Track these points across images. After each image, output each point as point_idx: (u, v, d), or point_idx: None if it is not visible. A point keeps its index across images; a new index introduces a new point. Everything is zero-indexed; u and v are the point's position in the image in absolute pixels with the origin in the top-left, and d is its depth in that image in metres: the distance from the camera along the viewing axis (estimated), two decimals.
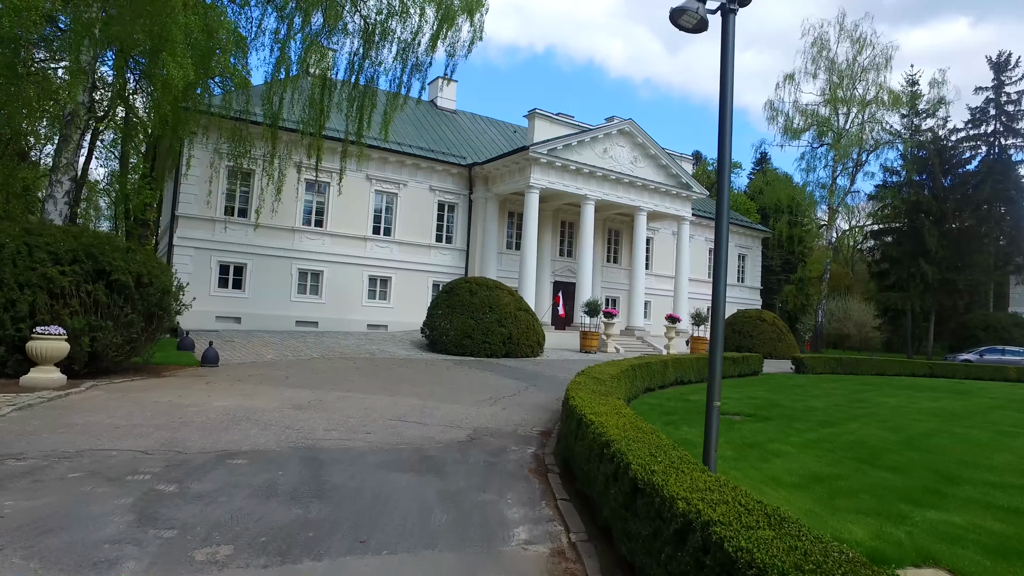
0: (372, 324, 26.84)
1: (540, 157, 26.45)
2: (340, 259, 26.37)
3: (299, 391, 11.52)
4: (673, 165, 30.71)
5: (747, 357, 21.04)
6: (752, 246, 41.20)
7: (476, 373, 16.51)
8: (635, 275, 30.49)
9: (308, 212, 26.12)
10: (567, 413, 7.97)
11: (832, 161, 41.05)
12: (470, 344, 20.82)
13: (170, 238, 24.05)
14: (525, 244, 27.11)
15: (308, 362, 16.32)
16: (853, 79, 39.09)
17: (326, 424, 8.76)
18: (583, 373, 10.84)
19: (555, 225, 31.73)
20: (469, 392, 13.08)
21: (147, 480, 5.63)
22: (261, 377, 13.01)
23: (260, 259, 24.86)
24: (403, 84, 20.83)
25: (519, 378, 16.10)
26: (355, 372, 14.83)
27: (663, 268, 35.65)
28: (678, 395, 14.54)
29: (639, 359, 15.64)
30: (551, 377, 16.90)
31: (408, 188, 28.07)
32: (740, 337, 30.29)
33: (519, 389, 14.12)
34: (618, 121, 29.39)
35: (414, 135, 29.94)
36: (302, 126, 21.22)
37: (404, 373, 15.37)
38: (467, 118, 35.71)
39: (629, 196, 29.70)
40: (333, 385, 12.55)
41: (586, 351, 25.45)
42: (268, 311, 24.74)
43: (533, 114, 27.40)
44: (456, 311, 21.49)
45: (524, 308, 22.66)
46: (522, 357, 21.67)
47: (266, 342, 20.09)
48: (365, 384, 13.03)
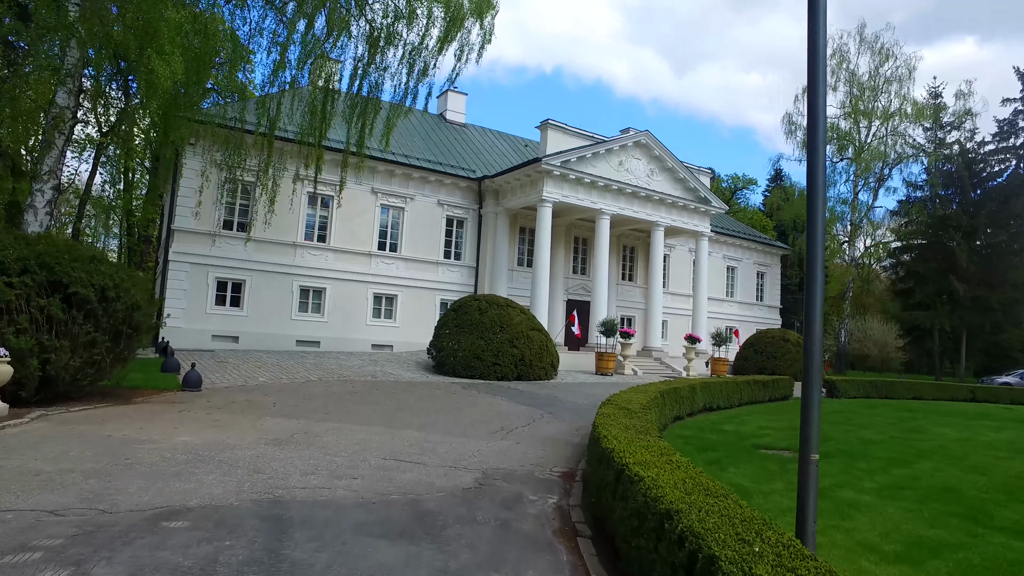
0: (377, 344, 25.33)
1: (553, 169, 25.03)
2: (343, 276, 24.94)
3: (284, 421, 9.97)
4: (691, 178, 29.22)
5: (778, 381, 19.34)
6: (771, 264, 39.51)
7: (485, 399, 14.93)
8: (652, 293, 28.88)
9: (310, 226, 24.74)
10: (598, 455, 6.38)
11: (854, 176, 39.47)
12: (479, 366, 19.25)
13: (165, 253, 22.72)
14: (537, 260, 25.60)
15: (302, 386, 14.79)
16: (875, 91, 37.62)
17: (305, 465, 7.20)
18: (610, 403, 9.25)
19: (568, 241, 30.24)
20: (477, 422, 11.50)
21: (33, 561, 4.08)
22: (245, 404, 11.48)
23: (259, 275, 23.46)
24: (409, 90, 19.47)
25: (533, 404, 14.49)
26: (352, 398, 13.28)
27: (679, 286, 34.03)
28: (711, 425, 12.88)
29: (665, 384, 14.01)
30: (568, 403, 15.29)
31: (415, 202, 26.69)
32: (763, 358, 28.54)
33: (533, 418, 12.52)
34: (634, 133, 27.97)
35: (422, 148, 28.62)
36: (301, 135, 19.88)
37: (406, 399, 13.80)
38: (476, 131, 34.43)
39: (646, 211, 28.19)
40: (325, 413, 11.00)
41: (602, 373, 23.80)
42: (267, 330, 23.29)
43: (546, 125, 26.03)
44: (464, 330, 19.95)
45: (537, 328, 21.09)
46: (535, 380, 20.06)
47: (261, 363, 18.61)
48: (361, 412, 11.48)
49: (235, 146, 19.62)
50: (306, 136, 19.72)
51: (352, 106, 19.57)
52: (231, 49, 18.63)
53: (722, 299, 36.10)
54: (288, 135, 21.24)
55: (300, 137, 19.99)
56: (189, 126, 18.65)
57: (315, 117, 19.30)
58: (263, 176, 19.61)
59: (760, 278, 38.93)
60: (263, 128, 19.56)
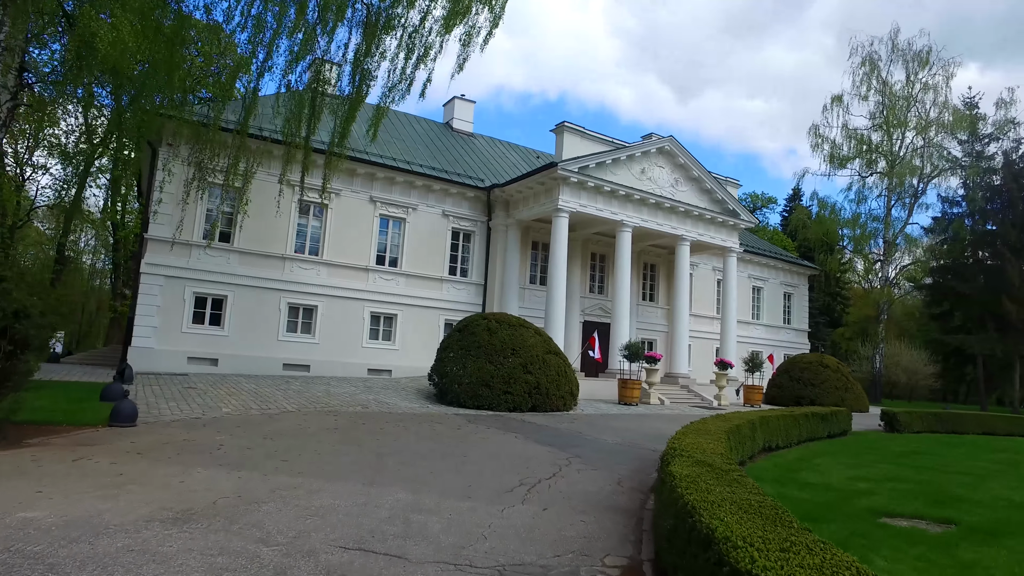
0: (374, 369, 22.39)
1: (570, 176, 22.27)
2: (337, 292, 22.10)
3: (219, 475, 7.05)
4: (718, 189, 26.41)
5: (836, 413, 16.22)
6: (798, 284, 36.47)
7: (496, 437, 11.95)
8: (677, 314, 25.90)
9: (301, 237, 21.97)
10: (713, 562, 3.43)
11: (886, 191, 36.52)
12: (488, 395, 16.29)
13: (137, 264, 19.98)
14: (552, 277, 22.73)
15: (271, 420, 11.85)
16: (909, 100, 34.83)
17: (201, 570, 4.27)
18: (681, 455, 6.28)
19: (584, 258, 27.39)
20: (487, 471, 8.53)
21: None
22: (181, 446, 8.56)
23: (243, 291, 20.65)
24: (405, 76, 16.76)
25: (555, 444, 11.50)
26: (329, 436, 10.33)
27: (702, 307, 31.03)
28: (786, 474, 9.85)
29: (722, 420, 11.02)
30: (598, 442, 12.28)
31: (418, 213, 23.92)
32: (800, 386, 25.46)
33: (558, 464, 9.54)
34: (657, 138, 25.25)
35: (425, 155, 25.94)
36: (286, 133, 17.16)
37: (398, 438, 10.84)
38: (485, 141, 31.80)
39: (670, 223, 25.35)
40: (283, 461, 8.07)
41: (626, 403, 20.75)
42: (251, 352, 20.41)
43: (561, 128, 23.33)
44: (471, 353, 17.03)
45: (554, 351, 18.14)
46: (552, 411, 17.06)
47: (235, 390, 15.70)
48: (334, 459, 8.52)
49: (215, 147, 16.99)
50: (291, 134, 17.05)
51: (340, 99, 16.93)
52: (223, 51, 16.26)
53: (748, 322, 33.05)
54: (276, 136, 18.59)
55: (286, 135, 17.28)
56: (153, 119, 16.07)
57: (301, 110, 16.62)
58: (232, 173, 16.80)
59: (787, 299, 35.88)
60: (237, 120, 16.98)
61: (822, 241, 39.72)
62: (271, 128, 19.19)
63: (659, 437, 13.73)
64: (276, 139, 19.53)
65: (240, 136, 16.20)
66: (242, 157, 16.51)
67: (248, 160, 17.04)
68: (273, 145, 19.16)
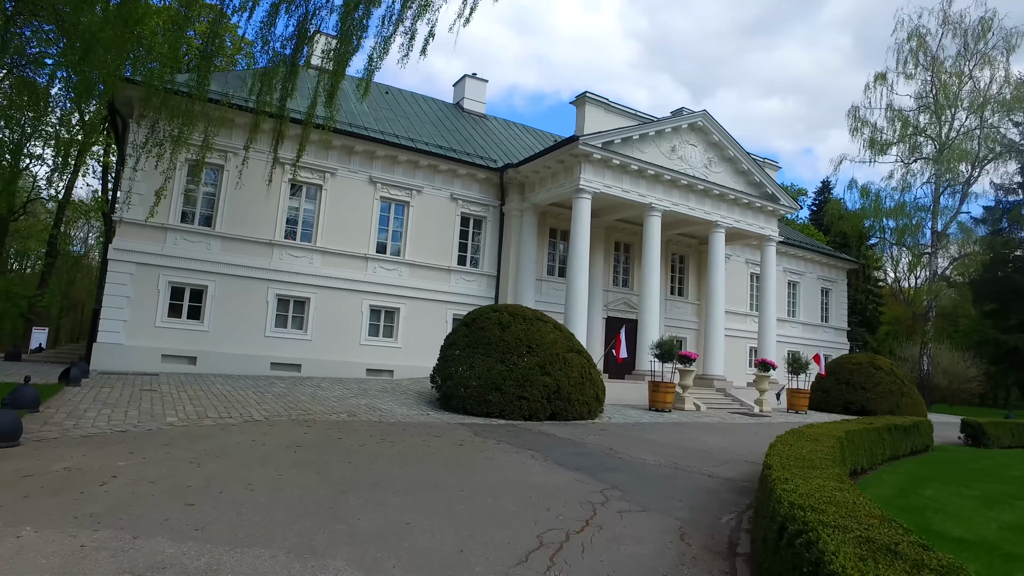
0: (373, 368, 19.76)
1: (592, 152, 19.50)
2: (333, 283, 19.50)
3: (52, 540, 4.39)
4: (756, 171, 23.49)
5: (918, 425, 13.27)
6: (836, 279, 33.32)
7: (507, 457, 9.22)
8: (711, 309, 23.00)
9: (292, 222, 19.39)
10: None
11: (934, 177, 33.23)
12: (498, 400, 13.56)
13: (104, 250, 17.51)
14: (573, 266, 19.96)
15: (223, 433, 9.21)
16: (961, 77, 31.51)
17: None
18: (828, 525, 3.52)
19: (607, 247, 24.57)
20: (491, 518, 5.81)
21: None
22: (50, 481, 5.92)
23: (226, 280, 18.12)
24: (406, 29, 14.07)
25: (584, 468, 8.75)
26: (282, 460, 7.65)
27: (734, 303, 28.02)
28: (902, 513, 7.01)
29: (806, 439, 8.20)
30: (637, 464, 9.49)
31: (423, 196, 21.26)
32: (849, 390, 22.49)
33: (592, 502, 6.80)
34: (688, 113, 22.39)
35: (432, 133, 23.28)
36: (259, 102, 14.54)
37: (374, 461, 8.13)
38: (498, 123, 29.10)
39: (704, 208, 22.47)
40: (185, 507, 5.38)
41: (658, 409, 17.94)
42: (234, 349, 17.87)
43: (583, 99, 20.53)
44: (479, 351, 14.31)
45: (576, 349, 15.37)
46: (575, 419, 14.31)
47: (201, 393, 13.11)
48: (269, 501, 5.81)
49: (188, 117, 14.43)
50: (264, 102, 14.45)
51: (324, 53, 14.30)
52: None
53: (783, 319, 29.99)
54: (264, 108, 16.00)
55: (259, 104, 14.65)
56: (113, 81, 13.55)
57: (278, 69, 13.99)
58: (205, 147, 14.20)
59: (825, 296, 32.77)
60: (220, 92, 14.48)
61: (860, 233, 36.50)
62: (252, 99, 16.63)
63: (709, 455, 10.96)
64: (245, 107, 17.03)
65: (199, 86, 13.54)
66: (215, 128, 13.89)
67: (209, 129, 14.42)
68: (259, 118, 16.57)
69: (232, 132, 17.90)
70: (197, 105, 14.50)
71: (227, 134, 17.78)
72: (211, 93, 15.99)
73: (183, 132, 13.76)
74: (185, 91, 14.29)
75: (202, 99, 13.68)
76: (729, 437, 13.88)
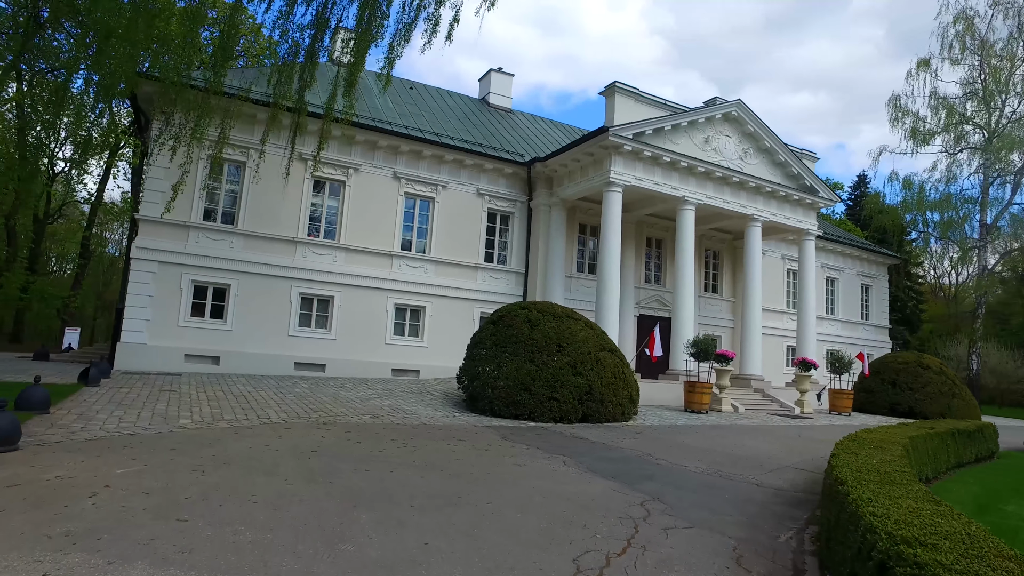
0: (398, 368, 19.21)
1: (623, 144, 18.68)
2: (357, 281, 19.00)
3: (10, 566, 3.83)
4: (793, 162, 22.41)
5: (983, 430, 12.20)
6: (877, 275, 31.92)
7: (537, 463, 8.52)
8: (748, 306, 21.98)
9: (316, 219, 18.93)
10: None
11: (983, 167, 31.61)
12: (527, 402, 12.86)
13: (127, 249, 17.23)
14: (604, 262, 19.15)
15: (235, 436, 8.67)
16: (1013, 60, 29.85)
17: None
18: (936, 551, 2.77)
19: (639, 243, 23.70)
20: (520, 538, 5.11)
21: None
22: (38, 490, 5.40)
23: (249, 279, 17.72)
24: (429, 15, 13.46)
25: (621, 476, 8.01)
26: (293, 468, 7.05)
27: (770, 300, 26.85)
28: (987, 526, 6.14)
29: (866, 446, 7.35)
30: (678, 472, 8.71)
31: (448, 191, 20.66)
32: (895, 391, 21.31)
33: (633, 517, 6.07)
34: (722, 103, 21.43)
35: (458, 128, 22.68)
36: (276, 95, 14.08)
37: (394, 469, 7.49)
38: (525, 118, 28.39)
39: (739, 201, 21.49)
40: (176, 524, 4.77)
41: (694, 410, 17.06)
42: (257, 349, 17.46)
43: (612, 89, 19.72)
44: (507, 350, 13.63)
45: (609, 348, 14.58)
46: (608, 422, 13.53)
47: (221, 394, 12.65)
48: (270, 519, 5.16)
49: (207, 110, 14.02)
50: (282, 94, 13.97)
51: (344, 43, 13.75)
52: None
53: (822, 317, 28.74)
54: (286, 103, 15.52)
55: (276, 95, 14.17)
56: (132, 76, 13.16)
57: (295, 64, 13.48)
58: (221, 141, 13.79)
59: (864, 292, 31.41)
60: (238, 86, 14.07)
61: (901, 228, 34.92)
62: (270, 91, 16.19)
63: (754, 461, 10.12)
64: (259, 100, 16.66)
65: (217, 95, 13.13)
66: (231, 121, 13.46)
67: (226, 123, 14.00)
68: (276, 110, 16.08)
69: (254, 128, 17.48)
70: (215, 99, 14.12)
71: (249, 130, 17.38)
72: (230, 88, 15.68)
73: (199, 125, 13.35)
74: (202, 86, 13.91)
75: (218, 92, 13.27)
76: (773, 441, 12.99)
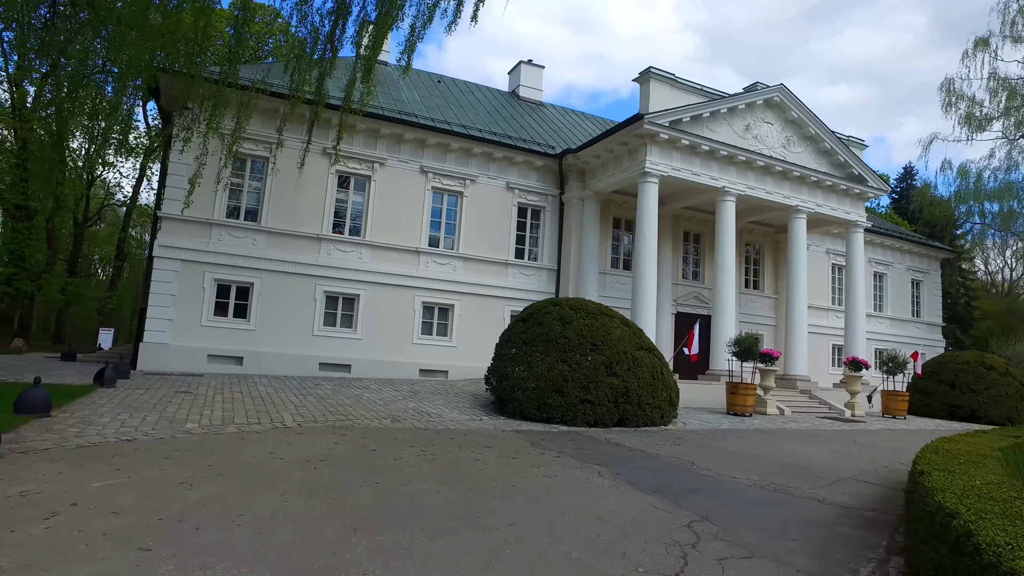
0: (426, 369, 18.49)
1: (659, 132, 17.65)
2: (383, 279, 18.33)
3: None
4: (840, 150, 21.05)
5: None
6: (928, 270, 30.14)
7: (569, 475, 7.62)
8: (793, 302, 20.69)
9: (340, 215, 18.32)
10: None
11: None
12: (559, 404, 11.96)
13: (150, 247, 16.84)
14: (640, 256, 18.13)
15: (241, 443, 7.97)
16: None
17: None
18: None
19: (675, 238, 22.58)
20: (547, 570, 4.25)
21: None
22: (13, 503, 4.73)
23: (272, 277, 17.18)
24: None
25: (663, 490, 7.06)
26: (293, 481, 6.28)
27: (815, 297, 25.32)
28: None
29: (956, 452, 6.27)
30: (726, 484, 7.71)
31: (477, 185, 19.87)
32: (956, 393, 19.82)
33: (679, 542, 5.14)
34: (763, 88, 20.21)
35: (486, 120, 21.88)
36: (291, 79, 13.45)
37: (407, 481, 6.67)
38: (556, 111, 27.47)
39: (782, 192, 20.24)
40: (123, 560, 4.02)
41: (737, 413, 15.95)
42: (281, 349, 16.91)
43: (647, 75, 18.68)
44: (538, 349, 12.75)
45: (646, 347, 13.58)
46: (646, 426, 12.55)
47: (239, 395, 12.04)
48: (250, 548, 4.39)
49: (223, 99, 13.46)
50: (302, 80, 13.32)
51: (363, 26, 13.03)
52: None
53: (869, 314, 27.16)
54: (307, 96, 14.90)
55: (294, 84, 13.54)
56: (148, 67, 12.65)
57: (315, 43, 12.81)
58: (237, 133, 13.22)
59: (915, 288, 29.68)
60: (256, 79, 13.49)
61: (954, 220, 32.88)
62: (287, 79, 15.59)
63: (811, 472, 9.06)
64: (299, 96, 16.04)
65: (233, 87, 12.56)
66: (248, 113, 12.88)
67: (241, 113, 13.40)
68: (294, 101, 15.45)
69: (276, 124, 16.91)
70: (232, 94, 13.57)
71: (272, 125, 16.80)
72: (250, 81, 15.12)
73: (215, 115, 12.77)
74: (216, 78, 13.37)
75: (234, 83, 12.66)
76: (827, 448, 11.86)
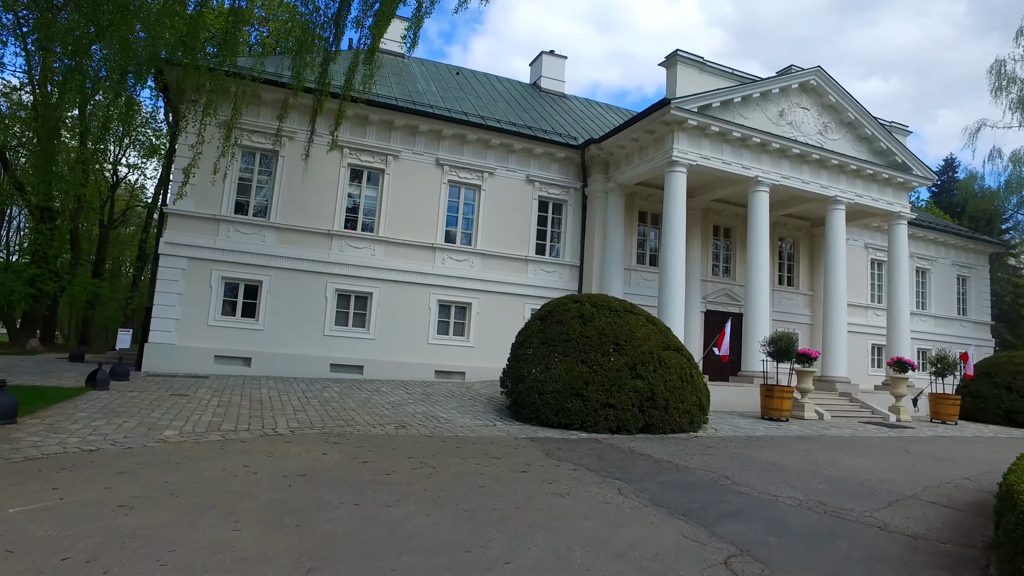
0: (442, 370, 17.58)
1: (687, 118, 16.49)
2: (397, 276, 17.46)
3: None
4: (883, 136, 19.61)
5: None
6: (975, 265, 28.32)
7: (586, 493, 6.59)
8: (831, 300, 19.28)
9: (353, 210, 17.51)
10: None
11: None
12: (579, 409, 10.92)
13: (156, 244, 16.20)
14: (667, 251, 16.97)
15: (219, 453, 7.11)
16: None
17: None
18: None
19: (704, 232, 21.31)
20: None
21: None
22: None
23: (282, 275, 16.43)
24: None
25: (694, 513, 6.00)
26: (262, 503, 5.38)
27: (854, 294, 23.67)
28: None
29: None
30: (766, 503, 6.59)
31: (495, 178, 18.91)
32: (1013, 396, 18.32)
33: None
34: (799, 71, 18.89)
35: (506, 111, 20.92)
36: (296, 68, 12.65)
37: (394, 503, 5.72)
38: (579, 103, 26.38)
39: (819, 181, 18.90)
40: None
41: (772, 417, 14.72)
42: (291, 349, 16.14)
43: (674, 59, 17.51)
44: (557, 349, 11.73)
45: (674, 346, 12.47)
46: (674, 432, 11.45)
47: (237, 398, 11.24)
48: None
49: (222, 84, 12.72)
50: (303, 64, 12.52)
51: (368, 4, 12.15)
52: None
53: (912, 312, 25.53)
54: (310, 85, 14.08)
55: (295, 68, 12.73)
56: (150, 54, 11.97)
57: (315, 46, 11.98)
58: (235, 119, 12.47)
59: (961, 284, 27.92)
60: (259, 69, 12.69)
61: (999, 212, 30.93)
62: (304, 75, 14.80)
63: (864, 488, 7.86)
64: (276, 81, 15.36)
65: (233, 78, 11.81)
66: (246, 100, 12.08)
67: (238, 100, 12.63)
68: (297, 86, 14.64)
69: (285, 116, 16.19)
70: (233, 84, 12.85)
71: (280, 117, 16.08)
72: (256, 72, 14.41)
73: (210, 101, 12.00)
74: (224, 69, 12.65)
75: (232, 63, 11.91)
76: (876, 458, 10.62)
